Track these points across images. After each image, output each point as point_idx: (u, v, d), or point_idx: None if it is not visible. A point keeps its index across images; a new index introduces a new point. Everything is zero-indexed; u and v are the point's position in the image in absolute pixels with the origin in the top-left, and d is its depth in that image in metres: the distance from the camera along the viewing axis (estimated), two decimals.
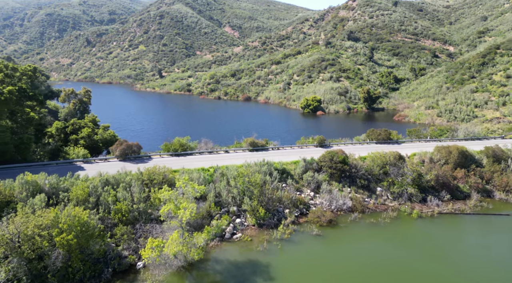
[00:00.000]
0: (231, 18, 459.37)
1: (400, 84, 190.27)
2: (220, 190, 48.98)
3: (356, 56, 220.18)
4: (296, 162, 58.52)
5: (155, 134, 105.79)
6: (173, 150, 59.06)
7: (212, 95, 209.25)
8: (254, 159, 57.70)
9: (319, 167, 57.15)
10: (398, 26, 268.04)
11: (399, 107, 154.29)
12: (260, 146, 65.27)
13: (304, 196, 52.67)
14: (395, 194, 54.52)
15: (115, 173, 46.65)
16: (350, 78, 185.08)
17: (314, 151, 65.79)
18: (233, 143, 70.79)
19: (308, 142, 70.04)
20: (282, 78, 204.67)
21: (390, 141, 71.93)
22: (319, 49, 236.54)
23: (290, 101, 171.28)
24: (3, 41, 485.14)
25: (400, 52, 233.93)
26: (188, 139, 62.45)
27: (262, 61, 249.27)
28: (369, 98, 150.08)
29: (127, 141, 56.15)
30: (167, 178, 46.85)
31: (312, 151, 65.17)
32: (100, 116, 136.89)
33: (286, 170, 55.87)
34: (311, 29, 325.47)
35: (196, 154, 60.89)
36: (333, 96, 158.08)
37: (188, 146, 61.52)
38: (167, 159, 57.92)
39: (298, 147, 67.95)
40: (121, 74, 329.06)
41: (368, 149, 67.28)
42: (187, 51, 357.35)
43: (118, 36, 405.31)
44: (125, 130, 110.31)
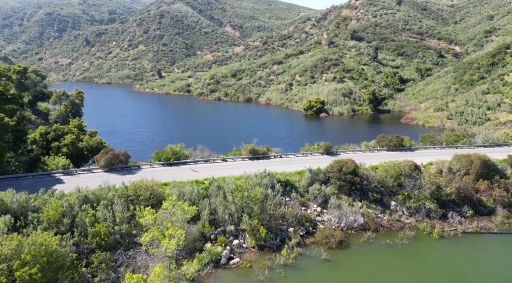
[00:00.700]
0: (232, 17, 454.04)
1: (405, 84, 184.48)
2: (215, 206, 43.42)
3: (359, 56, 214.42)
4: (300, 172, 52.89)
5: (151, 138, 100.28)
6: (165, 159, 53.52)
7: (212, 96, 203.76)
8: (255, 169, 52.15)
9: (327, 178, 51.52)
10: (403, 25, 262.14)
11: (405, 109, 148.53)
12: (261, 154, 59.67)
13: (310, 212, 47.04)
14: (412, 209, 48.84)
15: (96, 188, 41.09)
16: (354, 79, 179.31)
17: (320, 159, 60.15)
18: (232, 150, 65.19)
19: (313, 149, 64.37)
20: (283, 79, 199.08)
21: (402, 148, 66.22)
22: (321, 49, 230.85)
23: (292, 103, 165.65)
24: (2, 41, 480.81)
25: (405, 52, 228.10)
26: (182, 146, 56.90)
27: (263, 61, 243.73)
28: (375, 99, 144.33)
29: (113, 150, 50.62)
30: (155, 193, 41.30)
31: (318, 160, 59.53)
32: (93, 119, 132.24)
33: (290, 182, 50.25)
34: (313, 28, 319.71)
35: (191, 163, 55.31)
36: (337, 97, 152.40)
37: (182, 154, 55.95)
38: (158, 169, 52.35)
39: (303, 154, 62.31)
40: (120, 74, 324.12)
41: (379, 157, 61.59)
42: (187, 51, 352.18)
43: (118, 36, 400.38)
44: (119, 134, 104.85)
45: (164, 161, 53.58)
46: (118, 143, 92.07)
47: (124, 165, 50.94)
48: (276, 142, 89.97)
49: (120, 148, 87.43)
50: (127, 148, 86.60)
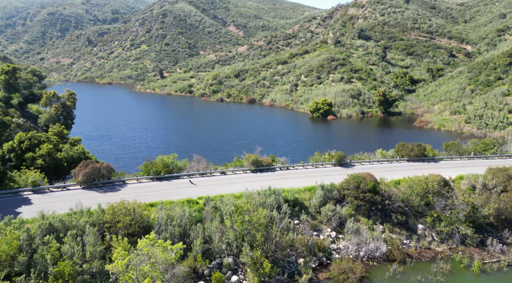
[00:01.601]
0: (236, 17, 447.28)
1: (416, 85, 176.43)
2: (211, 232, 36.24)
3: (367, 56, 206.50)
4: (311, 188, 45.55)
5: (146, 144, 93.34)
6: (154, 173, 46.41)
7: (214, 97, 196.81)
8: (257, 184, 44.98)
9: (342, 196, 44.18)
10: (411, 24, 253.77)
11: (418, 112, 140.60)
12: (265, 165, 52.39)
13: (324, 238, 39.70)
14: (443, 234, 41.37)
15: (66, 213, 34.05)
16: (363, 79, 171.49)
17: (333, 172, 52.75)
18: (232, 161, 57.96)
19: (324, 160, 56.99)
20: (288, 79, 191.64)
21: (425, 158, 58.62)
22: (328, 48, 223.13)
23: (297, 104, 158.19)
24: (4, 40, 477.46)
25: (415, 51, 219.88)
26: (175, 157, 49.73)
27: (267, 61, 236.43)
28: (385, 101, 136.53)
29: (94, 162, 43.59)
30: (137, 218, 34.20)
31: (330, 172, 52.14)
32: (87, 122, 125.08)
33: (299, 201, 42.96)
34: (319, 27, 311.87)
35: (184, 177, 48.16)
36: (345, 98, 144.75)
37: (175, 166, 48.80)
38: (145, 185, 45.24)
39: (312, 166, 54.93)
40: (122, 74, 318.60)
41: (399, 170, 54.09)
42: (190, 51, 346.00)
43: (120, 36, 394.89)
44: (113, 139, 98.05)
45: (154, 175, 46.46)
46: (109, 149, 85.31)
47: (106, 180, 43.89)
48: (282, 148, 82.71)
49: (112, 155, 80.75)
50: (119, 155, 79.86)
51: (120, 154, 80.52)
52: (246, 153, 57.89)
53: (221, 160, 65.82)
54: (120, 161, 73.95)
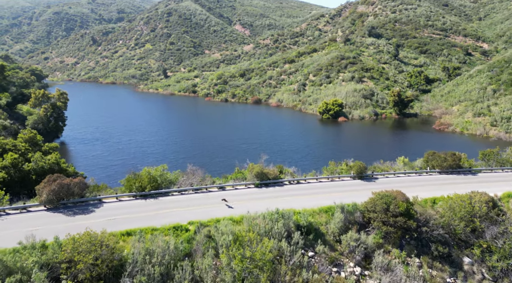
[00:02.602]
0: (242, 15, 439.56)
1: (431, 85, 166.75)
2: (202, 272, 28.17)
3: (379, 54, 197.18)
4: (328, 209, 37.22)
5: (142, 149, 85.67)
6: (138, 189, 38.40)
7: (218, 97, 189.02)
8: (262, 203, 36.94)
9: (366, 220, 35.82)
10: (425, 21, 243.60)
11: (435, 113, 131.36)
12: (271, 178, 44.18)
13: (346, 276, 31.41)
14: (497, 271, 32.73)
15: (11, 247, 26.16)
16: (375, 79, 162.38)
17: (353, 186, 44.35)
18: (234, 171, 49.80)
19: (341, 171, 48.57)
20: (296, 79, 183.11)
21: (460, 170, 49.88)
22: (337, 47, 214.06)
23: (306, 105, 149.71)
24: (10, 40, 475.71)
25: (428, 49, 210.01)
26: (165, 168, 41.76)
27: (274, 60, 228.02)
28: (400, 102, 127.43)
29: (63, 177, 35.72)
30: (106, 255, 26.15)
31: (350, 188, 43.75)
32: (81, 123, 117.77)
33: (314, 226, 34.68)
34: (327, 25, 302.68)
35: (175, 194, 40.14)
36: (357, 99, 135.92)
37: (164, 179, 40.80)
38: (126, 204, 37.29)
39: (327, 179, 46.56)
40: (126, 74, 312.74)
41: (431, 184, 45.52)
42: (195, 50, 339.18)
43: (125, 35, 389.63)
44: (106, 143, 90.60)
45: (137, 191, 38.46)
46: (100, 155, 77.76)
47: (78, 199, 35.99)
48: (290, 155, 74.39)
49: (101, 162, 73.07)
50: (110, 162, 72.26)
51: (112, 161, 72.90)
52: (249, 163, 49.69)
53: (221, 170, 57.84)
54: (110, 169, 66.30)
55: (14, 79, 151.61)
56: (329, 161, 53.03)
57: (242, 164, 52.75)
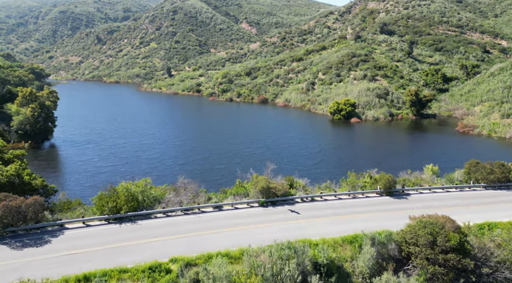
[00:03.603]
0: (249, 13, 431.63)
1: (449, 84, 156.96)
2: None
3: (392, 52, 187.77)
4: (353, 238, 29.02)
5: (136, 153, 77.90)
6: (111, 210, 30.38)
7: (223, 97, 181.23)
8: (268, 231, 28.85)
9: (405, 254, 27.35)
10: (439, 17, 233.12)
11: (455, 114, 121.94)
12: (279, 194, 35.93)
13: None
14: None
15: None
16: (388, 77, 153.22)
17: (381, 206, 35.93)
18: (234, 184, 41.71)
19: (364, 185, 40.21)
20: (304, 77, 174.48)
21: (509, 184, 41.06)
22: (347, 44, 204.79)
23: (315, 105, 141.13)
24: (15, 39, 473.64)
25: (444, 46, 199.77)
26: (148, 182, 33.82)
27: (281, 58, 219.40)
28: (418, 101, 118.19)
29: (12, 197, 27.91)
30: None
31: (378, 207, 35.36)
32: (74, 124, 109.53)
33: (336, 264, 26.34)
34: (337, 23, 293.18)
35: (159, 216, 32.14)
36: (370, 98, 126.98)
37: (147, 197, 32.80)
38: (95, 231, 29.38)
39: (348, 195, 38.23)
40: (130, 73, 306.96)
41: (478, 202, 36.93)
42: (201, 49, 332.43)
43: (130, 33, 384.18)
44: (99, 146, 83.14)
45: (111, 213, 30.46)
46: (89, 161, 70.23)
47: (33, 225, 28.10)
48: (302, 161, 66.02)
49: (88, 170, 65.18)
50: (98, 170, 64.61)
51: (100, 168, 65.29)
52: (253, 174, 41.55)
53: (221, 179, 49.87)
54: (96, 179, 58.65)
55: (10, 77, 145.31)
56: (348, 171, 44.60)
57: (245, 174, 44.64)
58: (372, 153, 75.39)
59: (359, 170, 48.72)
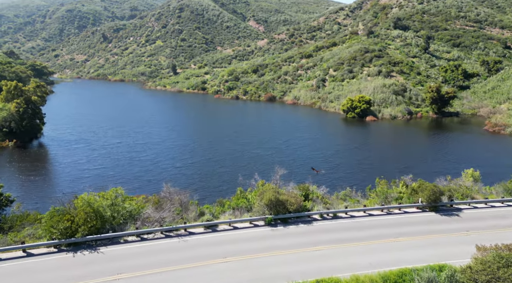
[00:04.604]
0: (256, 11, 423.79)
1: (469, 80, 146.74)
2: None
3: (407, 47, 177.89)
4: (397, 277, 20.24)
5: (130, 155, 70.18)
6: (63, 233, 22.18)
7: (229, 94, 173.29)
8: (279, 261, 20.51)
9: None
10: (456, 12, 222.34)
11: (480, 112, 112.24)
12: (292, 210, 27.44)
13: None
14: None
15: None
16: (405, 73, 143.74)
17: (427, 225, 27.38)
18: (234, 194, 33.38)
19: (400, 196, 31.40)
20: (314, 74, 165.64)
21: None
22: (359, 40, 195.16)
23: (326, 102, 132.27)
24: (22, 38, 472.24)
25: (462, 42, 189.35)
26: (119, 193, 25.64)
27: (289, 55, 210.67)
28: (439, 98, 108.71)
29: None
30: None
31: (422, 228, 26.88)
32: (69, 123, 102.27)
33: None
34: (347, 19, 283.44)
35: (131, 239, 23.89)
36: (387, 95, 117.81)
37: (117, 212, 24.52)
38: (38, 264, 21.24)
39: (381, 210, 29.58)
40: (135, 71, 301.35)
41: None
42: (207, 47, 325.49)
43: (135, 31, 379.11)
44: (89, 146, 75.71)
45: (63, 237, 22.30)
46: (76, 162, 62.76)
47: None
48: (317, 164, 57.45)
49: (72, 173, 57.08)
50: (83, 173, 56.94)
51: (86, 171, 57.64)
52: (258, 180, 33.21)
53: (222, 186, 41.85)
54: (77, 184, 51.05)
55: (6, 72, 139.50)
56: (372, 176, 36.02)
57: (249, 181, 36.29)
58: (396, 155, 66.39)
59: (384, 175, 40.03)
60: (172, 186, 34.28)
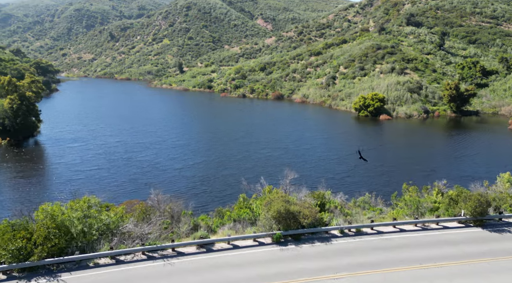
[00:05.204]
0: (264, 9, 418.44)
1: (488, 78, 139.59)
2: None
3: (421, 44, 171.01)
4: None
5: (127, 156, 65.68)
6: (15, 256, 17.22)
7: (235, 93, 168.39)
8: None
9: None
10: (471, 8, 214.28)
11: (502, 111, 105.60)
12: (306, 224, 22.11)
13: None
14: None
15: None
16: (419, 70, 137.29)
17: (474, 245, 22.00)
18: (237, 201, 28.28)
19: (434, 207, 25.93)
20: (324, 71, 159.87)
21: None
22: (370, 36, 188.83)
23: (337, 100, 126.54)
24: (31, 37, 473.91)
25: (478, 39, 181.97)
26: (93, 202, 20.59)
27: (298, 53, 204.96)
28: (458, 96, 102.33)
29: None
30: None
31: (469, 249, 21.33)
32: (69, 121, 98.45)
33: None
34: (357, 16, 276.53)
35: (104, 262, 18.79)
36: (401, 93, 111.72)
37: (88, 227, 19.48)
38: None
39: (414, 225, 24.07)
40: (141, 69, 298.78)
41: None
42: (214, 45, 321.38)
43: (143, 30, 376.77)
44: (87, 144, 71.34)
45: (14, 260, 17.38)
46: (67, 163, 58.56)
47: None
48: (331, 167, 52.12)
49: (62, 175, 52.60)
50: (74, 175, 52.52)
51: (77, 173, 53.33)
52: (265, 186, 28.11)
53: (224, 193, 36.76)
54: (64, 188, 46.50)
55: (7, 69, 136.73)
56: (403, 183, 30.51)
57: (254, 185, 31.18)
58: (417, 157, 60.55)
59: (409, 179, 34.62)
60: (166, 192, 29.45)
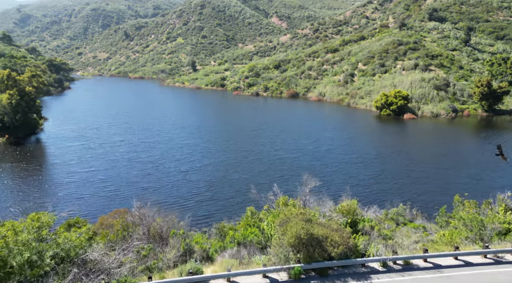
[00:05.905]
0: (279, 7, 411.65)
1: None
2: None
3: (445, 40, 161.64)
4: None
5: (129, 156, 60.74)
6: None
7: (248, 91, 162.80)
8: None
9: None
10: (498, 2, 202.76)
11: None
12: (336, 255, 15.80)
13: None
14: None
15: None
16: (445, 67, 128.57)
17: None
18: (244, 216, 22.14)
19: (505, 229, 19.22)
20: (341, 69, 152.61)
21: None
22: (390, 32, 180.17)
23: (356, 99, 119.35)
24: (48, 36, 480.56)
25: (507, 34, 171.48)
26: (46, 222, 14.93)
27: (314, 50, 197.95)
28: (491, 94, 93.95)
29: None
30: None
31: None
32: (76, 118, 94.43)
33: None
34: (376, 12, 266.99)
35: None
36: (427, 90, 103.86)
37: (38, 255, 13.80)
38: None
39: (483, 256, 17.54)
40: (155, 68, 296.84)
41: None
42: (228, 43, 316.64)
43: (157, 29, 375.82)
44: (89, 143, 66.83)
45: None
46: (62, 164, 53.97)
47: None
48: (357, 171, 45.83)
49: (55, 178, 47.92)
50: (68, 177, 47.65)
51: (71, 175, 48.47)
52: (279, 196, 22.16)
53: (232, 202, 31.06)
54: (57, 190, 41.42)
55: (17, 66, 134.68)
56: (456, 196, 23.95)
57: (265, 194, 25.24)
58: (454, 161, 53.28)
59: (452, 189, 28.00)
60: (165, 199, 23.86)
